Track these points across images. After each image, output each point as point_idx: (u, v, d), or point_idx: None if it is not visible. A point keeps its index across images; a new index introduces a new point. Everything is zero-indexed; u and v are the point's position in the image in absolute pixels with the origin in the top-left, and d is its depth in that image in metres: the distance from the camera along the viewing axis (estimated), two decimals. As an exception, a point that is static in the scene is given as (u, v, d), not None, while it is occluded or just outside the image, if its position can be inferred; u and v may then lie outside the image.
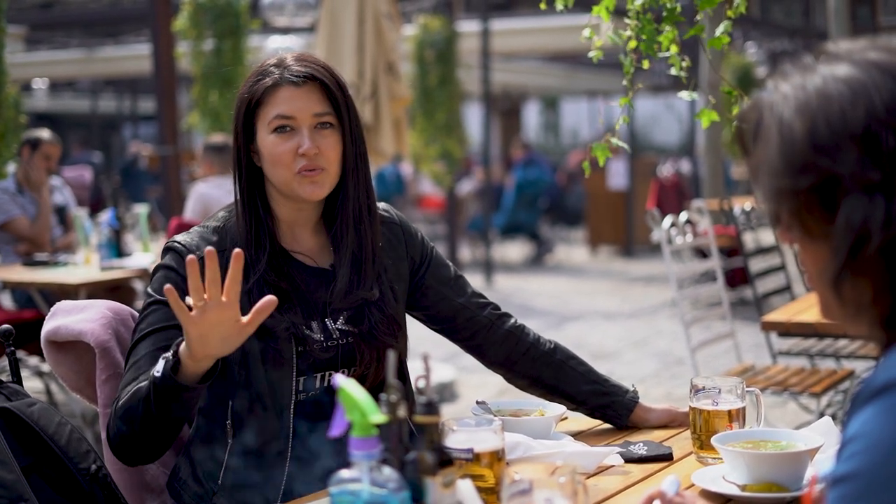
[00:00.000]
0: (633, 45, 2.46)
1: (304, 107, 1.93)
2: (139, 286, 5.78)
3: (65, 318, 2.09)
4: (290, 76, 1.93)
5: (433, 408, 1.32)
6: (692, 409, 1.89)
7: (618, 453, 1.87)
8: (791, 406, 5.34)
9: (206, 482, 1.94)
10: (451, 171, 10.66)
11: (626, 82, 2.50)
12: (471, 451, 1.57)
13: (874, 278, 1.02)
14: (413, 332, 2.10)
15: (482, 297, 2.18)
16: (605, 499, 1.68)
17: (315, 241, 2.03)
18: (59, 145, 6.18)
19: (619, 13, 2.55)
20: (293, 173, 1.92)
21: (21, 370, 2.09)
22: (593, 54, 2.53)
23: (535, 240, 13.21)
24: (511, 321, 2.17)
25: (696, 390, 1.90)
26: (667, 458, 1.89)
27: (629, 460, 1.87)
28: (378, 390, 1.34)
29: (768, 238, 6.09)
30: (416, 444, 1.31)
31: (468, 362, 5.47)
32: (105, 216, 5.30)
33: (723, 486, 1.65)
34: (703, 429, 1.86)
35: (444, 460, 1.30)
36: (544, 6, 2.53)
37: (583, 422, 2.16)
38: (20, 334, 2.19)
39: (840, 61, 1.05)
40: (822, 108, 1.03)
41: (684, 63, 2.47)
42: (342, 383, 1.25)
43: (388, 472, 1.22)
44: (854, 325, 1.07)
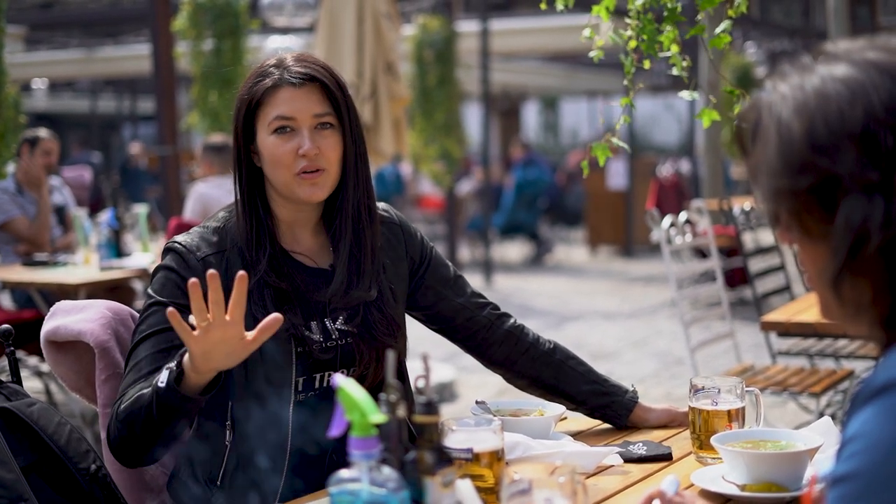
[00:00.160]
0: (634, 44, 2.46)
1: (303, 107, 1.92)
2: (139, 286, 5.79)
3: (64, 318, 2.09)
4: (289, 77, 1.93)
5: (432, 408, 1.32)
6: (692, 408, 1.89)
7: (617, 453, 1.87)
8: (790, 406, 5.34)
9: (205, 482, 1.94)
10: (451, 171, 10.66)
11: (627, 82, 2.50)
12: (470, 450, 1.57)
13: (874, 278, 1.02)
14: (413, 332, 2.10)
15: (482, 297, 2.18)
16: (604, 499, 1.68)
17: (315, 241, 2.03)
18: (58, 142, 6.18)
19: (620, 13, 2.55)
20: (293, 174, 1.92)
21: (21, 370, 2.09)
22: (594, 54, 2.52)
23: (535, 240, 13.21)
24: (510, 321, 2.17)
25: (695, 390, 1.90)
26: (666, 457, 1.89)
27: (628, 460, 1.87)
28: (377, 390, 1.34)
29: (768, 238, 6.09)
30: (415, 444, 1.31)
31: (468, 362, 5.47)
32: (104, 216, 5.30)
33: (722, 486, 1.65)
34: (702, 429, 1.86)
35: (444, 460, 1.30)
36: (544, 6, 2.53)
37: (582, 422, 2.16)
38: (20, 334, 2.19)
39: (838, 61, 1.05)
40: (821, 108, 1.03)
41: (685, 63, 2.47)
42: (341, 383, 1.25)
43: (387, 471, 1.22)
44: (854, 325, 1.07)
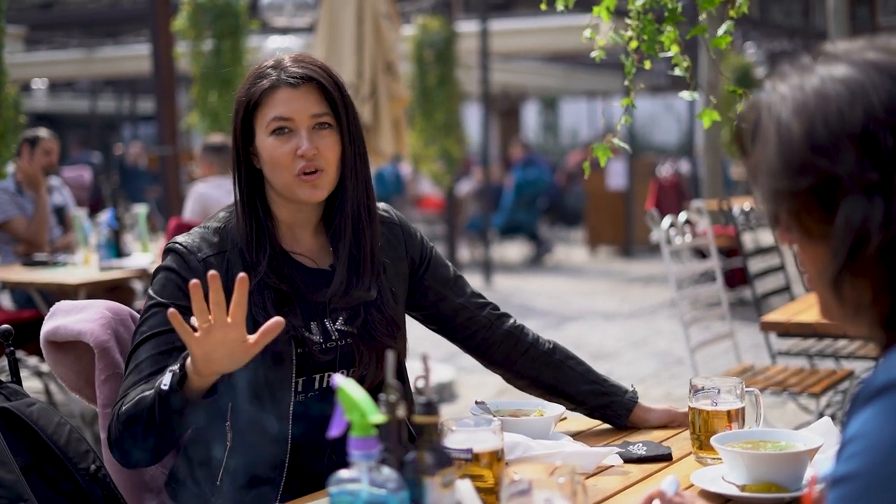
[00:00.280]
0: (635, 45, 2.46)
1: (301, 108, 1.92)
2: (138, 286, 5.78)
3: (64, 319, 2.09)
4: (286, 78, 1.92)
5: (432, 408, 1.32)
6: (691, 409, 1.89)
7: (617, 453, 1.87)
8: (790, 406, 5.34)
9: (204, 483, 1.94)
10: (450, 172, 10.66)
11: (628, 82, 2.50)
12: (470, 451, 1.57)
13: (874, 279, 1.02)
14: (413, 332, 2.10)
15: (481, 297, 2.18)
16: (604, 499, 1.68)
17: (315, 241, 2.02)
18: (58, 141, 6.18)
19: (620, 13, 2.55)
20: (293, 175, 1.91)
21: (20, 370, 2.09)
22: (595, 54, 2.52)
23: (535, 240, 13.21)
24: (510, 321, 2.17)
25: (695, 390, 1.90)
26: (666, 458, 1.89)
27: (628, 460, 1.87)
28: (378, 391, 1.34)
29: (767, 238, 6.10)
30: (415, 445, 1.30)
31: (467, 363, 5.46)
32: (104, 216, 5.30)
33: (722, 487, 1.65)
34: (702, 429, 1.86)
35: (444, 460, 1.30)
36: (544, 6, 2.53)
37: (582, 422, 2.16)
38: (19, 334, 2.19)
39: (838, 62, 1.05)
40: (820, 108, 1.03)
41: (686, 63, 2.47)
42: (341, 383, 1.24)
43: (387, 472, 1.22)
44: (854, 325, 1.06)
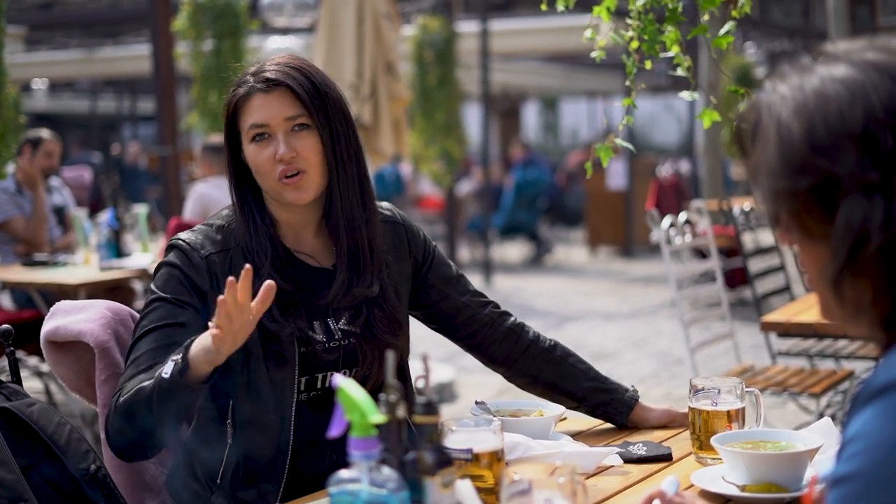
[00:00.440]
0: (636, 45, 2.46)
1: (275, 112, 1.92)
2: (139, 286, 5.78)
3: (64, 319, 2.09)
4: (258, 84, 1.93)
5: (432, 408, 1.32)
6: (691, 409, 1.89)
7: (617, 453, 1.87)
8: (790, 407, 5.34)
9: (205, 481, 1.95)
10: (451, 172, 10.66)
11: (629, 83, 2.50)
12: (470, 451, 1.57)
13: (874, 279, 1.02)
14: (413, 331, 2.10)
15: (483, 295, 2.18)
16: (604, 499, 1.68)
17: (318, 241, 2.02)
18: (60, 143, 6.18)
19: (620, 14, 2.55)
20: (275, 180, 1.92)
21: (20, 370, 2.09)
22: (596, 54, 2.52)
23: (535, 240, 13.20)
24: (511, 319, 2.17)
25: (695, 391, 1.90)
26: (666, 458, 1.89)
27: (628, 460, 1.87)
28: (381, 391, 1.34)
29: (767, 238, 6.09)
30: (415, 444, 1.31)
31: (467, 362, 5.46)
32: (104, 216, 5.31)
33: (722, 487, 1.65)
34: (702, 429, 1.86)
35: (444, 460, 1.30)
36: (545, 7, 2.53)
37: (582, 422, 2.16)
38: (20, 334, 2.19)
39: (838, 62, 1.05)
40: (820, 108, 1.03)
41: (687, 63, 2.47)
42: (341, 383, 1.25)
43: (387, 472, 1.22)
44: (854, 325, 1.06)
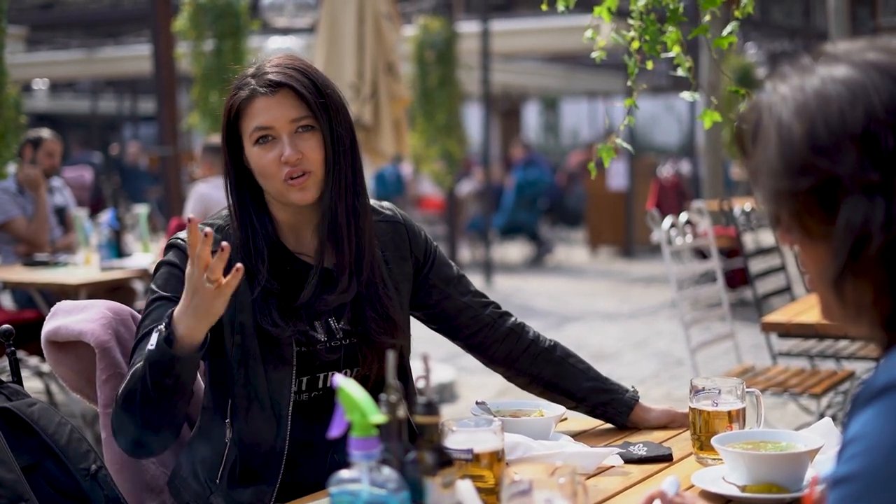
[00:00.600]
0: (637, 45, 2.46)
1: (280, 115, 1.91)
2: (139, 286, 5.79)
3: (65, 319, 2.09)
4: (261, 87, 1.92)
5: (433, 408, 1.32)
6: (692, 409, 1.89)
7: (617, 454, 1.87)
8: (791, 407, 5.34)
9: (205, 481, 1.95)
10: (451, 172, 10.66)
11: (631, 83, 2.50)
12: (470, 451, 1.57)
13: (875, 279, 1.02)
14: (413, 332, 2.10)
15: (483, 296, 2.18)
16: (604, 499, 1.68)
17: (317, 241, 2.02)
18: (61, 143, 6.18)
19: (621, 14, 2.55)
20: (281, 181, 1.92)
21: (21, 370, 2.09)
22: (596, 55, 2.52)
23: (535, 240, 13.21)
24: (512, 319, 2.17)
25: (695, 391, 1.90)
26: (666, 458, 1.89)
27: (629, 461, 1.87)
28: (381, 391, 1.34)
29: (768, 239, 6.09)
30: (415, 445, 1.30)
31: (468, 363, 5.46)
32: (105, 217, 5.31)
33: (723, 487, 1.65)
34: (702, 429, 1.86)
35: (444, 461, 1.30)
36: (545, 7, 2.53)
37: (582, 422, 2.16)
38: (20, 334, 2.19)
39: (839, 62, 1.05)
40: (821, 109, 1.03)
41: (688, 63, 2.47)
42: (341, 383, 1.25)
43: (387, 472, 1.22)
44: (855, 326, 1.06)
